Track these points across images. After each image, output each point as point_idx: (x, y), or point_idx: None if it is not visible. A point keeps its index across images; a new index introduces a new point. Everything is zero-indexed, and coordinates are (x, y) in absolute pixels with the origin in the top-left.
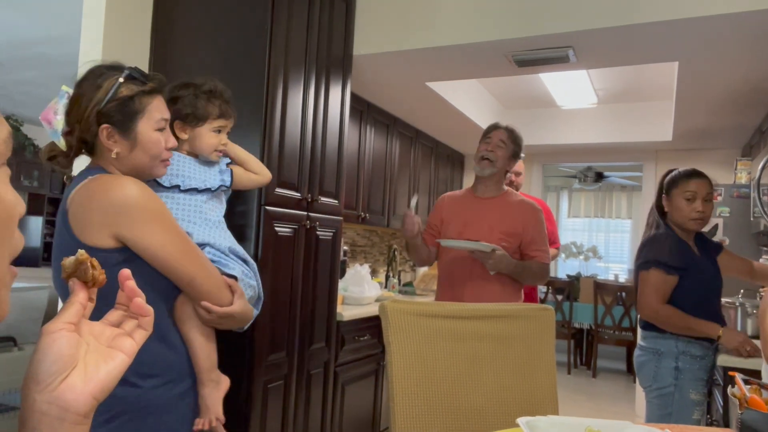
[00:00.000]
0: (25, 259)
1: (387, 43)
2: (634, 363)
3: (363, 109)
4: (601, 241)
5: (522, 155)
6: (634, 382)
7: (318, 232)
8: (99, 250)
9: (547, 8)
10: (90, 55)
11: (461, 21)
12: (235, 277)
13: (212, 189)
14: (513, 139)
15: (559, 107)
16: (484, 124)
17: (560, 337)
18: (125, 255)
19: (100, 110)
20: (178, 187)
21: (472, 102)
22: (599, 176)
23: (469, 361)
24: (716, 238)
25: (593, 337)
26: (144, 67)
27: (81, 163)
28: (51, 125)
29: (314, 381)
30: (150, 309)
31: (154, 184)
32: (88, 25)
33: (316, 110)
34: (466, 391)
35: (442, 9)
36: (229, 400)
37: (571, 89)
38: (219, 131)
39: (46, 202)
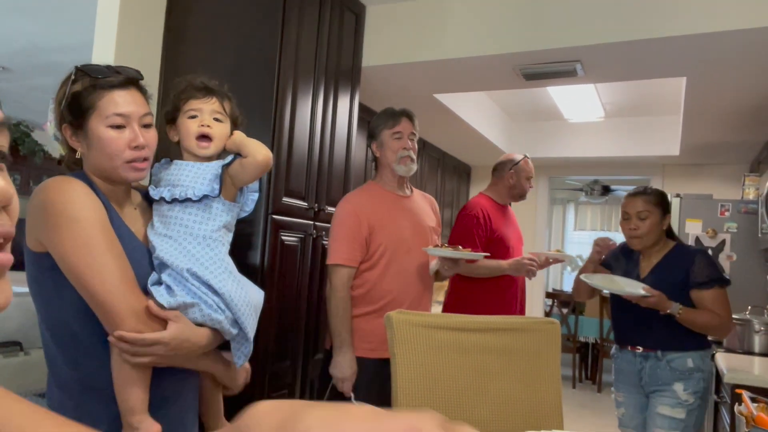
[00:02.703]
0: None
1: (395, 54)
2: (687, 388)
3: (371, 120)
4: None
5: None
6: None
7: (324, 242)
8: (32, 252)
9: (555, 22)
10: (103, 62)
11: (469, 34)
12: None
13: (193, 199)
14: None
15: (566, 120)
16: (491, 137)
17: (565, 350)
18: (52, 261)
19: (62, 110)
20: (164, 198)
21: (479, 114)
22: (606, 190)
23: (475, 373)
24: (723, 254)
25: (599, 351)
26: (155, 75)
27: None
28: (48, 132)
29: (318, 390)
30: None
31: (152, 199)
32: (101, 33)
33: (325, 120)
34: (471, 404)
35: (450, 22)
36: (232, 409)
37: (579, 102)
38: (194, 116)
39: None
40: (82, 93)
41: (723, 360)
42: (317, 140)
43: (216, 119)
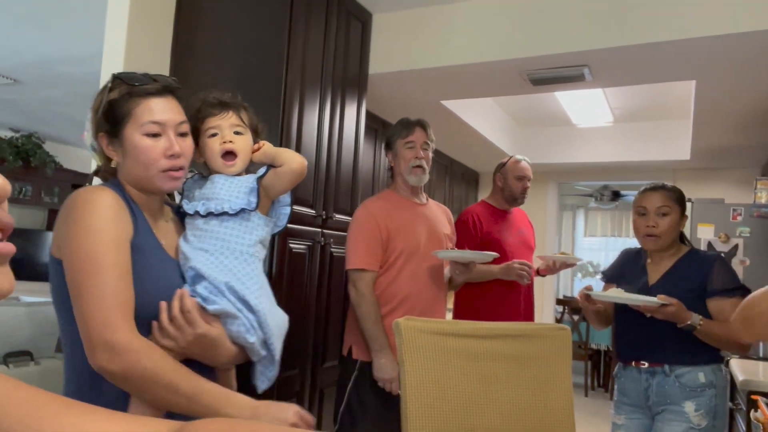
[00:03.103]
0: (44, 274)
1: (402, 62)
2: (704, 407)
3: (378, 128)
4: None
5: (522, 158)
6: None
7: (332, 249)
8: (54, 259)
9: (561, 27)
10: (111, 73)
11: (476, 40)
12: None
13: (230, 212)
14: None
15: (575, 126)
16: (499, 143)
17: (577, 358)
18: None
19: (98, 118)
20: (198, 212)
21: (486, 120)
22: (616, 195)
23: (484, 380)
24: (736, 259)
25: (611, 359)
26: None
27: None
28: (84, 142)
29: (327, 399)
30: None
31: (185, 213)
32: (110, 45)
33: (332, 128)
34: (481, 411)
35: (456, 28)
36: None
37: (587, 108)
38: (215, 134)
39: None
40: (118, 101)
41: (738, 366)
42: (324, 148)
43: (236, 132)
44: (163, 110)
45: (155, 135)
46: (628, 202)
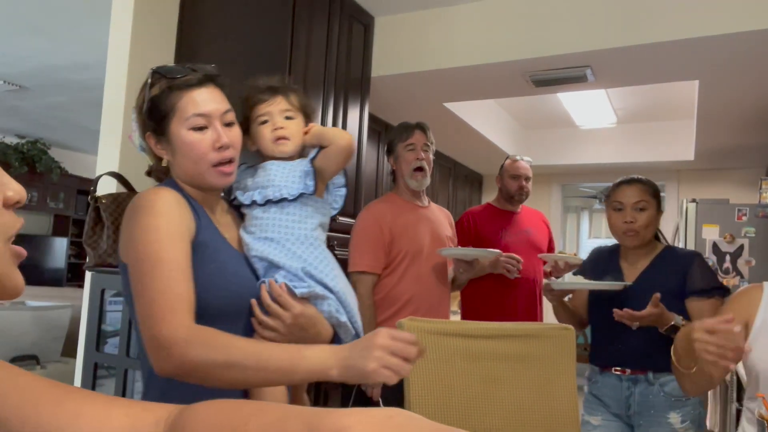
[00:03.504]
0: (49, 279)
1: (405, 64)
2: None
3: (381, 130)
4: None
5: (520, 158)
6: None
7: (336, 252)
8: (124, 264)
9: (563, 27)
10: (116, 79)
11: (478, 42)
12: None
13: (288, 198)
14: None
15: (578, 127)
16: (502, 145)
17: (581, 360)
18: None
19: (142, 118)
20: (255, 201)
21: (489, 122)
22: None
23: (487, 380)
24: (742, 260)
25: None
26: None
27: None
28: (133, 143)
29: (332, 399)
30: None
31: (241, 204)
32: (114, 51)
33: None
34: (484, 412)
35: (459, 30)
36: None
37: (590, 109)
38: (265, 121)
39: (70, 224)
40: (160, 96)
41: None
42: None
43: (287, 117)
44: (206, 101)
45: (201, 128)
46: None
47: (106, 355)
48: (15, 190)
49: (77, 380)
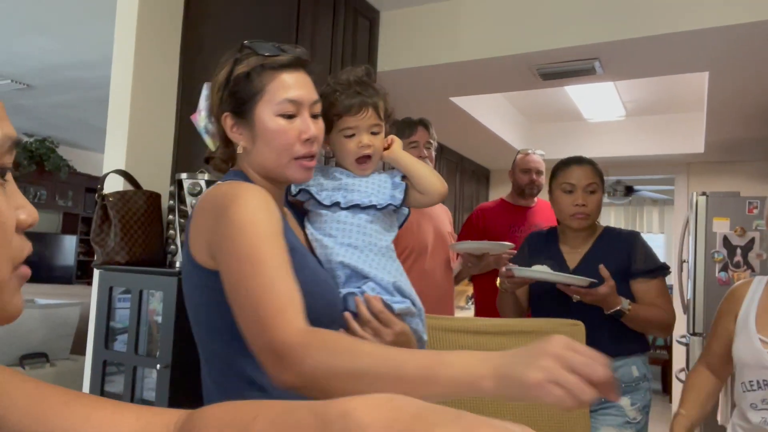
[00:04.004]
0: (58, 277)
1: (411, 59)
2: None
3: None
4: None
5: (532, 151)
6: (671, 402)
7: None
8: (202, 269)
9: (571, 19)
10: (122, 77)
11: (484, 35)
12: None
13: (378, 207)
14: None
15: (587, 120)
16: (509, 139)
17: None
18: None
19: (222, 95)
20: (338, 204)
21: (497, 116)
22: (629, 190)
23: None
24: (753, 253)
25: None
26: (172, 91)
27: None
28: (197, 124)
29: None
30: None
31: (316, 203)
32: (120, 49)
33: None
34: (493, 409)
35: (464, 24)
36: None
37: (598, 102)
38: (351, 135)
39: (79, 222)
40: (249, 74)
41: None
42: None
43: (373, 132)
44: (298, 86)
45: (290, 116)
46: (642, 197)
47: (115, 352)
48: (29, 213)
49: (86, 377)
